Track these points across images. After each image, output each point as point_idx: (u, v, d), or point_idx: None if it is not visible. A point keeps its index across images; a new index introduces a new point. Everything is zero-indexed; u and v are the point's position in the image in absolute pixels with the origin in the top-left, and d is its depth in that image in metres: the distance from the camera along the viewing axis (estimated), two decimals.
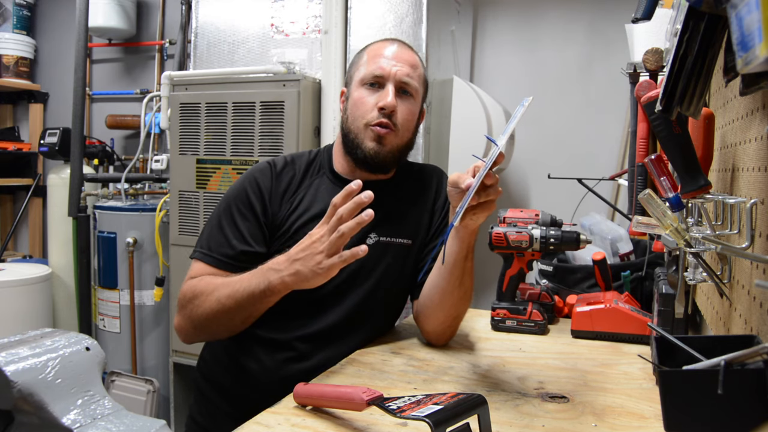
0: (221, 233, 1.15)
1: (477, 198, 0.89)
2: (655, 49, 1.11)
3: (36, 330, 0.79)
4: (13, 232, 3.35)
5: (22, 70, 3.32)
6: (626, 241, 1.64)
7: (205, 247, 1.15)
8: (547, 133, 2.51)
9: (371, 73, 1.17)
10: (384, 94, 1.15)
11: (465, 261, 1.07)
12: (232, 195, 1.19)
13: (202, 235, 1.17)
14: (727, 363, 0.59)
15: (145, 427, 0.70)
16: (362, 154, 1.17)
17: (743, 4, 0.46)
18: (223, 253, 1.13)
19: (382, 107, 1.14)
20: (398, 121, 1.16)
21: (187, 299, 1.10)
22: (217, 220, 1.17)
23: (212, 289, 1.06)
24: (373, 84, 1.17)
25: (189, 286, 1.11)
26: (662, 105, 0.70)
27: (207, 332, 1.13)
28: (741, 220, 0.76)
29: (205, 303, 1.06)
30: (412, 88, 1.19)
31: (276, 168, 1.21)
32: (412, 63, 1.20)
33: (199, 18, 2.30)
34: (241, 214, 1.16)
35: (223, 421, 1.13)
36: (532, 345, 1.21)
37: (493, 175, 0.88)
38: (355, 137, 1.17)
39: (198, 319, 1.08)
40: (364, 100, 1.17)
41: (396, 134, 1.17)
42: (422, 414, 0.68)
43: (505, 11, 2.58)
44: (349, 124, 1.19)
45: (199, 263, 1.14)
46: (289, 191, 1.19)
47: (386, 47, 1.20)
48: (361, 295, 1.18)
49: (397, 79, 1.16)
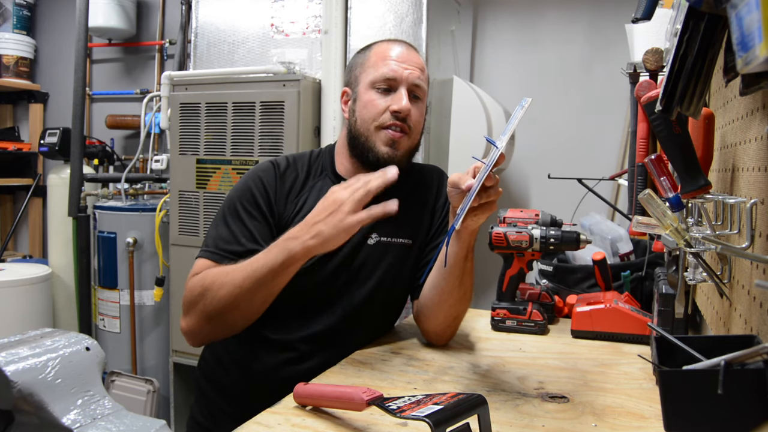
0: (228, 231, 1.12)
1: (478, 200, 0.89)
2: (655, 49, 1.11)
3: (36, 330, 0.79)
4: (13, 232, 3.35)
5: (22, 70, 3.32)
6: (626, 241, 1.64)
7: (211, 245, 1.12)
8: (547, 133, 2.51)
9: (383, 75, 1.15)
10: (398, 98, 1.14)
11: (465, 261, 1.07)
12: (236, 194, 1.16)
13: (208, 236, 1.14)
14: (727, 363, 0.59)
15: (145, 427, 0.70)
16: (374, 158, 1.15)
17: (743, 4, 0.46)
18: (232, 250, 1.10)
19: (396, 110, 1.13)
20: (412, 124, 1.16)
21: (196, 295, 1.05)
22: (223, 220, 1.14)
23: (225, 277, 1.03)
24: (385, 87, 1.16)
25: (195, 282, 1.07)
26: (662, 105, 0.70)
27: (223, 325, 1.07)
28: (741, 220, 0.76)
29: (221, 291, 1.02)
30: (422, 90, 1.19)
31: (279, 168, 1.19)
32: (421, 66, 1.19)
33: (199, 18, 2.30)
34: (248, 212, 1.14)
35: (223, 421, 1.13)
36: (532, 345, 1.21)
37: (493, 176, 0.88)
38: (366, 140, 1.16)
39: (213, 311, 1.03)
40: (375, 103, 1.15)
41: (409, 137, 1.17)
42: (422, 414, 0.68)
43: (505, 11, 2.58)
44: (359, 126, 1.17)
45: (202, 260, 1.11)
46: (293, 192, 1.18)
47: (392, 48, 1.19)
48: (361, 295, 1.18)
49: (410, 82, 1.15)
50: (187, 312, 1.08)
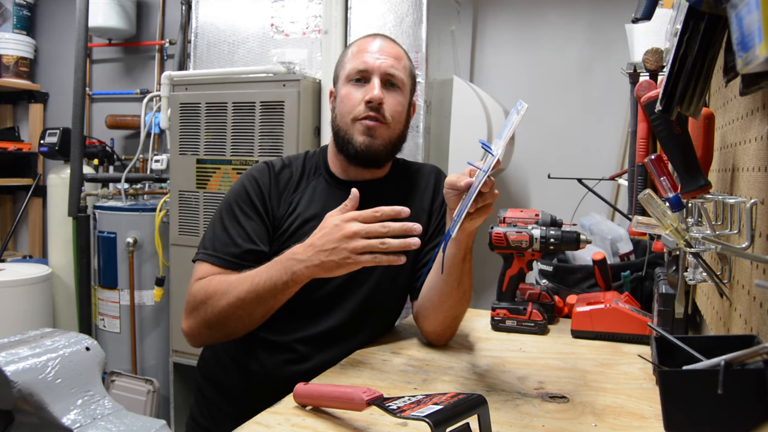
0: (225, 233, 1.14)
1: (474, 205, 0.88)
2: (655, 49, 1.11)
3: (36, 330, 0.79)
4: (13, 232, 3.35)
5: (22, 70, 3.32)
6: (626, 241, 1.64)
7: (209, 248, 1.14)
8: (547, 133, 2.50)
9: (355, 68, 1.16)
10: (370, 88, 1.15)
11: (463, 263, 1.07)
12: (232, 195, 1.18)
13: (205, 238, 1.16)
14: (727, 363, 0.59)
15: (145, 427, 0.70)
16: (353, 150, 1.16)
17: (743, 4, 0.46)
18: (229, 252, 1.12)
19: (369, 100, 1.14)
20: (387, 113, 1.16)
21: (198, 301, 1.08)
22: (220, 221, 1.16)
23: (227, 287, 1.05)
24: (359, 79, 1.17)
25: (199, 287, 1.09)
26: (662, 105, 0.70)
27: (223, 331, 1.10)
28: (741, 220, 0.76)
29: (222, 300, 1.05)
30: (398, 79, 1.18)
31: (274, 168, 1.21)
32: (396, 55, 1.19)
33: (199, 18, 2.30)
34: (243, 213, 1.15)
35: (223, 421, 1.13)
36: (532, 345, 1.21)
37: (488, 179, 0.87)
38: (345, 133, 1.17)
39: (214, 318, 1.06)
40: (350, 96, 1.16)
41: (387, 127, 1.17)
42: (422, 414, 0.68)
43: (505, 11, 2.58)
44: (338, 121, 1.19)
45: (204, 264, 1.13)
46: (288, 191, 1.20)
47: (369, 43, 1.20)
48: (360, 296, 1.18)
49: (382, 71, 1.16)
50: (189, 315, 1.10)
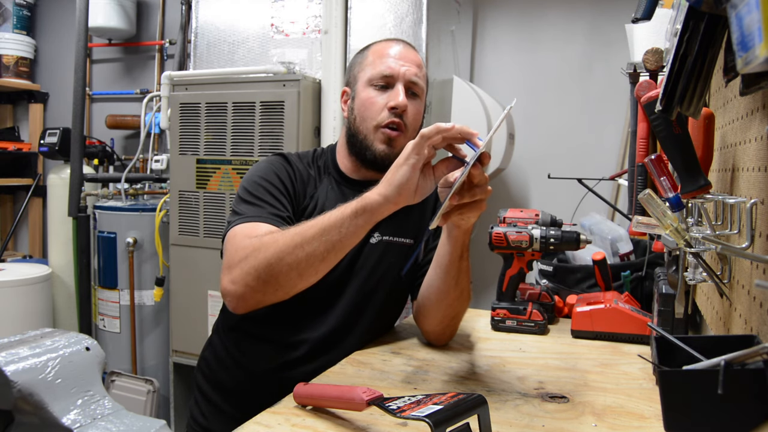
0: (261, 201, 1.09)
1: (459, 198, 0.87)
2: (655, 49, 1.11)
3: (36, 330, 0.79)
4: (13, 232, 3.35)
5: (22, 70, 3.32)
6: (626, 241, 1.64)
7: (246, 212, 1.07)
8: (547, 133, 2.51)
9: (380, 73, 1.16)
10: (394, 94, 1.15)
11: (460, 261, 1.07)
12: (257, 175, 1.13)
13: (236, 212, 1.09)
14: (727, 363, 0.59)
15: (145, 427, 0.70)
16: (372, 156, 1.16)
17: (743, 4, 0.46)
18: (274, 213, 1.07)
19: (393, 107, 1.14)
20: (408, 121, 1.16)
21: (249, 250, 0.98)
22: (250, 196, 1.10)
23: (282, 233, 0.97)
24: (382, 84, 1.16)
25: (245, 238, 1.00)
26: (662, 105, 0.70)
27: (275, 282, 0.97)
28: (741, 220, 0.76)
29: (278, 242, 0.95)
30: (419, 88, 1.19)
31: (291, 159, 1.20)
32: (418, 63, 1.20)
33: (199, 18, 2.30)
34: (274, 187, 1.11)
35: (223, 421, 1.13)
36: (532, 345, 1.21)
37: (482, 173, 0.86)
38: (365, 138, 1.17)
39: (266, 262, 0.95)
40: (373, 101, 1.16)
41: (405, 135, 1.17)
42: (422, 414, 0.68)
43: (505, 11, 2.58)
44: (358, 124, 1.18)
45: (246, 223, 1.04)
46: (310, 185, 1.19)
47: (391, 47, 1.20)
48: (362, 294, 1.18)
49: (407, 78, 1.16)
50: (234, 267, 0.99)
